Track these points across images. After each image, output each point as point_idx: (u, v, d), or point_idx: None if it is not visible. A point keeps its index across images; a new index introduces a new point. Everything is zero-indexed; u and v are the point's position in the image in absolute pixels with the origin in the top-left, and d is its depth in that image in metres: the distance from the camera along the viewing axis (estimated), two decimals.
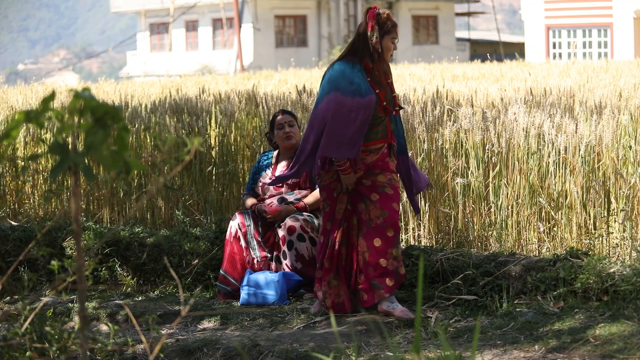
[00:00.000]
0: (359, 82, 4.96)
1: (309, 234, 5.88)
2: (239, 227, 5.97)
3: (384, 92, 5.07)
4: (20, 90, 12.33)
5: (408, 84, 11.63)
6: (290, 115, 6.13)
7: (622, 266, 4.97)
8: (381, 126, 5.10)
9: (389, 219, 5.06)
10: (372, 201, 5.08)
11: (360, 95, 4.94)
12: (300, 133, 6.13)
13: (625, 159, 6.12)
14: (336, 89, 4.96)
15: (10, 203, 7.68)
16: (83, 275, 2.11)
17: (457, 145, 6.49)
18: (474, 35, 47.36)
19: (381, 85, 5.07)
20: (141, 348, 4.66)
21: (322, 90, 5.05)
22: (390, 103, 5.11)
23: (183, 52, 40.21)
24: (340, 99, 4.94)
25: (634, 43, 29.56)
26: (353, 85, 4.95)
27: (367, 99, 4.95)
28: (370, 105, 4.96)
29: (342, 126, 4.94)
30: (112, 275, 6.45)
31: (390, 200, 5.09)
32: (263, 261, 5.95)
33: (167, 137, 2.33)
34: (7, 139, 2.08)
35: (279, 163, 6.14)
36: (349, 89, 4.94)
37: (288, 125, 6.07)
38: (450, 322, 4.94)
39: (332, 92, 4.97)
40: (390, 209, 5.07)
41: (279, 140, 6.11)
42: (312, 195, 6.06)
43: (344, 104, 4.93)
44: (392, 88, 5.15)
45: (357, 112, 4.93)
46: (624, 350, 4.14)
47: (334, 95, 4.96)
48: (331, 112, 4.95)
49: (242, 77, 18.79)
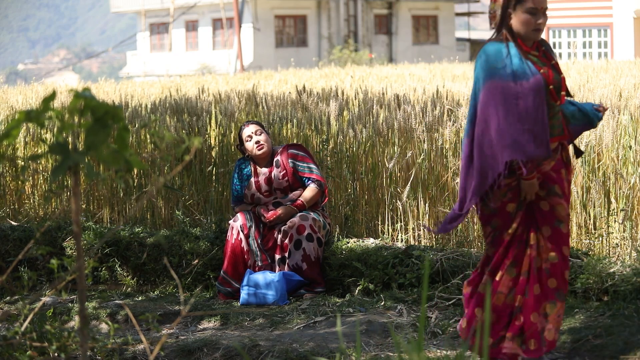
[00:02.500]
0: (519, 62, 3.92)
1: (317, 234, 5.89)
2: (241, 229, 5.97)
3: (550, 73, 4.00)
4: (20, 90, 12.34)
5: (408, 84, 11.63)
6: (257, 125, 6.14)
7: (622, 266, 4.98)
8: (556, 119, 4.03)
9: (556, 267, 4.03)
10: (544, 236, 4.05)
11: (525, 78, 3.89)
12: (269, 138, 6.11)
13: (625, 159, 6.13)
14: (491, 76, 3.91)
15: (10, 203, 7.68)
16: (83, 275, 2.11)
17: (457, 145, 6.49)
18: (474, 35, 47.34)
19: (545, 66, 4.01)
20: (141, 348, 4.67)
21: (477, 81, 3.98)
22: (557, 87, 4.01)
23: (183, 52, 40.21)
24: (503, 86, 3.88)
25: (634, 43, 29.56)
26: (512, 65, 3.91)
27: (534, 81, 3.90)
28: (540, 88, 3.89)
29: (517, 119, 3.87)
30: (112, 275, 6.45)
31: (562, 242, 4.04)
32: (264, 264, 5.94)
33: (165, 134, 2.33)
34: (8, 138, 2.08)
35: (258, 173, 6.13)
36: (507, 71, 3.90)
37: (256, 134, 6.08)
38: (450, 322, 4.94)
39: (489, 80, 3.91)
40: (561, 254, 4.02)
41: (251, 152, 6.10)
42: (308, 189, 6.04)
43: (508, 91, 3.87)
44: (558, 69, 4.07)
45: (526, 98, 3.87)
46: (624, 350, 4.14)
47: (493, 83, 3.89)
48: (496, 104, 3.88)
49: (242, 77, 18.79)
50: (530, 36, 3.98)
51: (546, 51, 4.08)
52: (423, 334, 1.88)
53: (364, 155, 6.79)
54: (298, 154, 6.09)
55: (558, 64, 4.07)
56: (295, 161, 6.07)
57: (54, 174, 2.03)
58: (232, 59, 36.03)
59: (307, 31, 38.77)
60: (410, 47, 40.25)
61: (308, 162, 6.08)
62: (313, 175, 6.04)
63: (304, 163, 6.07)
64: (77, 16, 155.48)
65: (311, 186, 6.04)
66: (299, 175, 6.07)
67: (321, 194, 6.08)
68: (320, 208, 6.10)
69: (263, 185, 6.07)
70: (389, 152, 6.62)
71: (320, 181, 6.04)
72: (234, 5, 35.19)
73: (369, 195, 6.70)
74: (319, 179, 6.04)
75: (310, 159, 6.11)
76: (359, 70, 19.76)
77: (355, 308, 5.33)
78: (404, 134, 6.70)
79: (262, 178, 6.08)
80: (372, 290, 5.64)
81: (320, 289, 5.86)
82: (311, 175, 6.04)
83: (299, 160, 6.07)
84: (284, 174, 6.05)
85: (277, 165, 6.09)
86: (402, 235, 6.33)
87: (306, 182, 6.06)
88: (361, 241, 6.01)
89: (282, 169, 6.07)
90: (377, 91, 9.35)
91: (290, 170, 6.05)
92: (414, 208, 6.36)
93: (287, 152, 6.10)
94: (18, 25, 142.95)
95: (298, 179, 6.07)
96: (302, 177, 6.06)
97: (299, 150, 6.12)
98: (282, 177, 6.06)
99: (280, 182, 6.05)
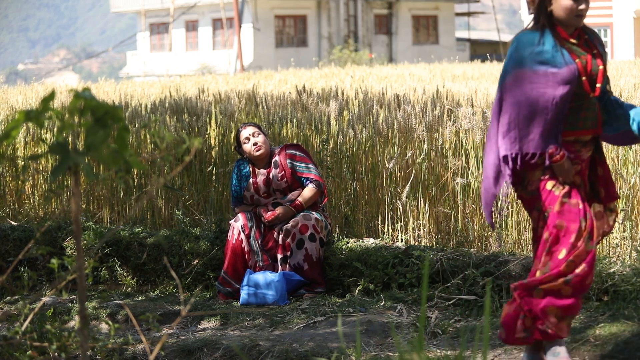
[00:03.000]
0: (550, 49, 3.75)
1: (319, 234, 5.90)
2: (242, 229, 5.97)
3: (589, 63, 3.80)
4: (20, 90, 12.34)
5: (408, 84, 11.63)
6: (254, 126, 6.14)
7: (622, 266, 4.98)
8: (591, 111, 3.85)
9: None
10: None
11: (554, 65, 3.73)
12: (267, 139, 6.12)
13: (625, 159, 6.13)
14: (519, 64, 3.77)
15: (10, 203, 7.69)
16: (83, 275, 2.11)
17: (457, 145, 6.49)
18: (474, 35, 47.37)
19: (584, 55, 3.81)
20: (141, 348, 4.66)
21: (504, 71, 3.84)
22: (592, 79, 3.81)
23: (183, 52, 40.22)
24: (527, 76, 3.74)
25: (634, 43, 29.57)
26: (543, 54, 3.74)
27: (566, 70, 3.72)
28: (570, 77, 3.71)
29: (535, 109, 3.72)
30: (112, 275, 6.45)
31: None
32: (265, 264, 5.94)
33: (165, 134, 2.33)
34: (7, 139, 2.08)
35: (256, 174, 6.14)
36: (537, 59, 3.74)
37: (253, 136, 6.09)
38: (450, 322, 4.94)
39: (514, 70, 3.77)
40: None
41: (249, 154, 6.11)
42: (307, 189, 6.04)
43: (531, 80, 3.73)
44: (601, 59, 3.87)
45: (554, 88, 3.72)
46: (624, 350, 4.14)
47: (517, 73, 3.76)
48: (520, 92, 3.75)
49: (242, 77, 18.79)
50: (572, 22, 3.82)
51: (589, 39, 3.88)
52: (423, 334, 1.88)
53: (364, 155, 6.79)
54: (296, 154, 6.09)
55: (602, 54, 3.87)
56: (293, 161, 6.07)
57: (54, 174, 2.03)
58: (232, 59, 36.04)
59: (307, 31, 38.78)
60: (410, 47, 40.27)
61: (306, 162, 6.08)
62: (311, 175, 6.04)
63: (302, 163, 6.07)
64: (77, 16, 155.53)
65: (310, 186, 6.04)
66: (298, 176, 6.07)
67: (320, 193, 6.08)
68: (320, 208, 6.10)
69: (261, 187, 6.07)
70: (389, 152, 6.62)
71: (319, 181, 6.04)
72: (234, 5, 35.19)
73: (369, 195, 6.70)
74: (318, 179, 6.04)
75: (309, 158, 6.11)
76: (359, 70, 19.77)
77: (355, 308, 5.33)
78: (404, 134, 6.70)
79: (261, 179, 6.08)
80: (372, 290, 5.64)
81: (321, 289, 5.86)
82: (309, 175, 6.04)
83: (297, 160, 6.08)
84: (283, 175, 6.06)
85: (275, 166, 6.09)
86: (402, 235, 6.33)
87: (304, 182, 6.06)
88: (361, 241, 6.01)
89: (280, 169, 6.07)
90: (377, 91, 9.35)
91: (288, 170, 6.05)
92: (413, 208, 6.36)
93: (285, 152, 6.11)
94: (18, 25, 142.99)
95: (297, 179, 6.07)
96: (301, 177, 6.06)
97: (297, 150, 6.12)
98: (280, 178, 6.06)
99: (279, 183, 6.05)
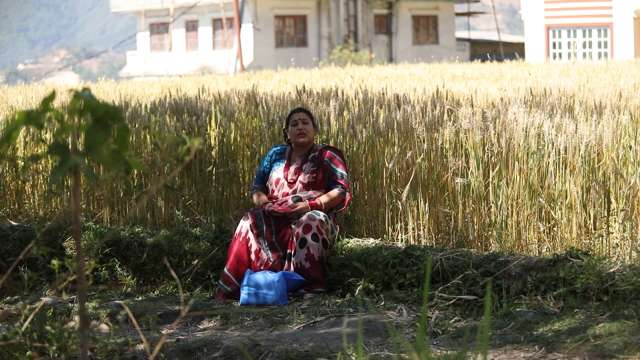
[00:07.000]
0: None
1: (322, 235, 5.92)
2: (251, 228, 5.99)
3: None
4: (20, 90, 12.32)
5: (408, 84, 11.63)
6: (305, 113, 6.29)
7: (622, 266, 4.97)
8: None
9: None
10: None
11: None
12: (313, 131, 6.28)
13: (625, 159, 6.12)
14: None
15: (10, 203, 7.68)
16: (83, 275, 2.11)
17: (457, 145, 6.49)
18: (474, 35, 47.34)
19: None
20: (141, 348, 4.66)
21: None
22: None
23: (183, 52, 40.19)
24: None
25: (634, 43, 29.55)
26: None
27: None
28: None
29: None
30: (112, 275, 6.45)
31: None
32: (276, 261, 5.96)
33: (166, 135, 2.33)
34: (8, 140, 2.08)
35: (292, 159, 6.25)
36: None
37: (302, 122, 6.21)
38: (450, 322, 4.94)
39: None
40: None
41: (292, 137, 6.26)
42: (327, 195, 6.12)
43: None
44: None
45: None
46: (624, 350, 4.14)
47: None
48: None
49: (242, 77, 18.78)
50: None
51: None
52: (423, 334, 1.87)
53: (364, 155, 6.79)
54: (334, 157, 6.25)
55: None
56: (330, 162, 6.21)
57: (54, 174, 2.02)
58: (232, 59, 36.01)
59: (307, 31, 38.75)
60: (410, 47, 40.24)
61: (342, 167, 6.21)
62: (342, 181, 6.19)
63: (337, 167, 6.21)
64: (77, 16, 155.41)
65: (335, 190, 6.14)
66: (328, 177, 6.13)
67: (340, 201, 6.14)
68: (332, 212, 6.16)
69: (291, 172, 6.14)
70: (389, 152, 6.62)
71: (345, 188, 6.10)
72: (234, 5, 35.17)
73: (369, 195, 6.70)
74: (345, 186, 6.12)
75: (344, 165, 6.25)
76: (359, 70, 19.75)
77: (355, 308, 5.33)
78: (404, 134, 6.70)
79: (293, 167, 6.20)
80: (372, 290, 5.64)
81: (321, 289, 5.86)
82: (339, 180, 6.18)
83: (334, 163, 6.23)
84: (314, 171, 6.18)
85: (312, 160, 6.23)
86: (402, 235, 6.33)
87: (332, 185, 6.14)
88: (361, 241, 6.01)
89: (315, 165, 6.19)
90: (377, 91, 9.34)
91: (323, 169, 6.20)
92: (413, 208, 6.36)
93: (326, 151, 6.25)
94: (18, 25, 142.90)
95: (325, 180, 6.15)
96: (330, 179, 6.15)
97: (336, 154, 6.27)
98: (311, 172, 6.17)
99: (307, 176, 6.13)
